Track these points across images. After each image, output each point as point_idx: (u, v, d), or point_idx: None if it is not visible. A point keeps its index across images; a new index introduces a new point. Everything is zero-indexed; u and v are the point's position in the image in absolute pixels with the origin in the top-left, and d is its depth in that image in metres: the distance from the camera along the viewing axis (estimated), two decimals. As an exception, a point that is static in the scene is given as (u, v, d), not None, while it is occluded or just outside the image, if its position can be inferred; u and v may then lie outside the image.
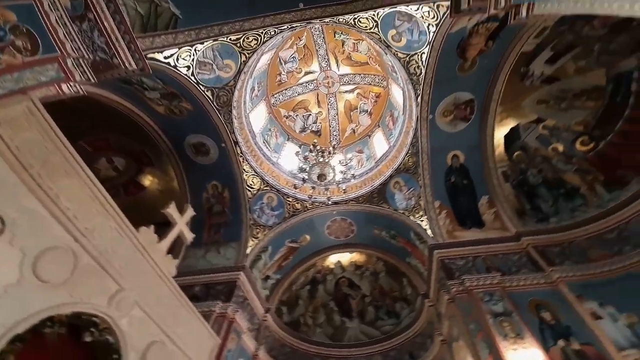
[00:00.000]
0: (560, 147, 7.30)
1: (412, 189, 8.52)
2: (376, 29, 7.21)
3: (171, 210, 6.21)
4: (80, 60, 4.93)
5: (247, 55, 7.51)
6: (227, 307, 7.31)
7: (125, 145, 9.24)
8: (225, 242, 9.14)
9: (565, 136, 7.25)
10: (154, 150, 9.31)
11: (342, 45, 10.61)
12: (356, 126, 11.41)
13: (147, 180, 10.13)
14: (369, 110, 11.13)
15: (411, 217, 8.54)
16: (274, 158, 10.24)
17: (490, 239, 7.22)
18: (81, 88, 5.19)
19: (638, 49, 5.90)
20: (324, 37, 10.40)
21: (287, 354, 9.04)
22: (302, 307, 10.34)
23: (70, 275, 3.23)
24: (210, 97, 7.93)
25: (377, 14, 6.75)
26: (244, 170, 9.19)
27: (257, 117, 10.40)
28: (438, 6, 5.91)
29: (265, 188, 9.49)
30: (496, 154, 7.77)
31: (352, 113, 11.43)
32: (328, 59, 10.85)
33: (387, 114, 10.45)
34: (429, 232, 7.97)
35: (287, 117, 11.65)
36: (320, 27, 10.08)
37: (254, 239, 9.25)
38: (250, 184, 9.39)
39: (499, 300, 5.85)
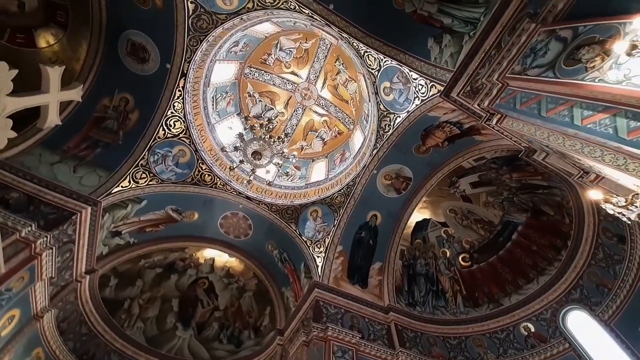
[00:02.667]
0: (448, 253, 8.45)
1: (325, 224, 8.41)
2: (377, 72, 7.60)
3: (53, 72, 4.51)
4: None
5: (255, 4, 6.84)
6: (39, 237, 5.22)
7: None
8: (91, 165, 7.03)
9: (455, 247, 8.49)
10: (79, 15, 7.15)
11: (337, 74, 10.90)
12: (307, 146, 11.25)
13: (44, 42, 7.54)
14: (325, 140, 11.22)
15: (311, 249, 8.26)
16: (212, 119, 8.98)
17: (366, 301, 7.39)
18: None
19: (531, 210, 7.59)
20: (326, 55, 10.55)
21: (80, 335, 6.72)
22: (137, 290, 8.28)
23: None
24: (190, 11, 6.77)
25: (384, 61, 7.17)
26: (173, 106, 7.72)
27: (223, 71, 9.29)
28: (432, 86, 6.60)
29: (183, 139, 8.04)
30: (404, 233, 8.46)
31: (309, 133, 11.33)
32: (318, 76, 10.89)
33: (339, 151, 10.68)
34: (319, 269, 7.75)
35: (249, 95, 10.76)
36: (329, 44, 10.24)
37: (133, 181, 7.37)
38: (170, 125, 7.85)
39: (348, 361, 5.67)
